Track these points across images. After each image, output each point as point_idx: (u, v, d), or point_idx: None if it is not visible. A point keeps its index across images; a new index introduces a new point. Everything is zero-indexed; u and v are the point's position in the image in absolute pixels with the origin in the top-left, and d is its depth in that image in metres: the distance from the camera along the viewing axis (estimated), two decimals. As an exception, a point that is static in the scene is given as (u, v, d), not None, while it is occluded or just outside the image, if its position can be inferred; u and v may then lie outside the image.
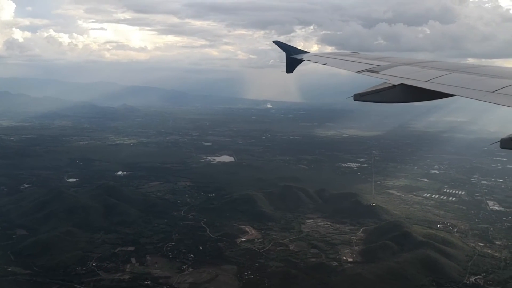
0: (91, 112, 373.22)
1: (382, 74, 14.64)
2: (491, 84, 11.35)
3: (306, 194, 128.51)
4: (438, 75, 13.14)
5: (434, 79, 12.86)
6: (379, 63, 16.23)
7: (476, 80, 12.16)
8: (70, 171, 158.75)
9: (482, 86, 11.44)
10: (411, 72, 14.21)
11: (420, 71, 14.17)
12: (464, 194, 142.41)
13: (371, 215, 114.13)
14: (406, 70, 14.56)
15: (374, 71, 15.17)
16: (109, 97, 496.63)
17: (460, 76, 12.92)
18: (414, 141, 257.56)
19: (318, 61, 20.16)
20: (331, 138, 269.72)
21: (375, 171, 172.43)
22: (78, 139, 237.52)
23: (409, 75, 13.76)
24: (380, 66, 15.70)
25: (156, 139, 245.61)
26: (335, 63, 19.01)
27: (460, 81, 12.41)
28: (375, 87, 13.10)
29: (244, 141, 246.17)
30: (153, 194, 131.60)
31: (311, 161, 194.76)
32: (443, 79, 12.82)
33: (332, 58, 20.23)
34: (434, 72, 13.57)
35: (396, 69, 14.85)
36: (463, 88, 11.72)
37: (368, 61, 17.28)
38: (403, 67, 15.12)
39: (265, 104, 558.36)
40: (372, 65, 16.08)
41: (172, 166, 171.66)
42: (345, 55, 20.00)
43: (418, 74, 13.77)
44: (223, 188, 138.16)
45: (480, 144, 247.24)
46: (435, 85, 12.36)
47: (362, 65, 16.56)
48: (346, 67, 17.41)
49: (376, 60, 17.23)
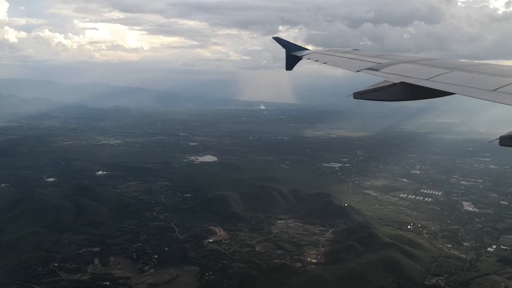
0: (81, 113, 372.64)
1: (382, 72, 14.65)
2: (491, 83, 11.34)
3: (280, 194, 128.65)
4: (439, 73, 13.14)
5: (435, 77, 12.83)
6: (379, 61, 16.24)
7: (477, 79, 12.17)
8: (50, 171, 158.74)
9: (482, 85, 11.43)
10: (412, 70, 14.21)
11: (420, 69, 14.20)
12: (441, 195, 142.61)
13: (342, 216, 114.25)
14: (406, 68, 14.61)
15: (374, 69, 15.22)
16: (100, 98, 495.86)
17: (460, 75, 12.93)
18: (401, 142, 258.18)
19: (318, 59, 20.14)
20: (319, 139, 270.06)
21: (356, 171, 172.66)
22: (64, 139, 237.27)
23: (409, 73, 13.77)
24: (380, 64, 15.73)
25: (142, 139, 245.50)
26: (335, 61, 19.01)
27: (461, 80, 12.42)
28: (375, 85, 13.15)
29: (230, 142, 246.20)
30: (129, 194, 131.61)
31: (294, 161, 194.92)
32: (444, 77, 12.81)
33: (332, 55, 20.18)
34: (435, 70, 13.58)
35: (396, 67, 14.94)
36: (463, 87, 11.73)
37: (368, 59, 17.28)
38: (403, 65, 15.16)
39: (258, 105, 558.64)
40: (372, 63, 16.11)
41: (153, 166, 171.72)
42: (345, 52, 20.00)
43: (418, 72, 13.76)
44: (200, 188, 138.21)
45: (467, 145, 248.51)
46: (436, 84, 12.38)
47: (362, 63, 16.57)
48: (346, 66, 17.34)
49: (377, 58, 17.23)
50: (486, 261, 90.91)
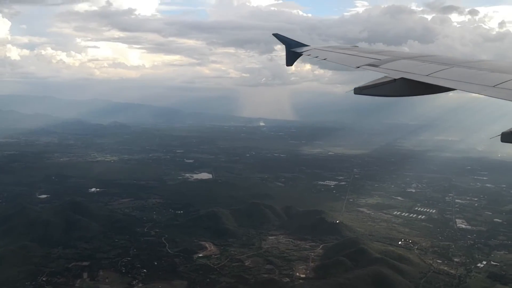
0: (80, 129, 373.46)
1: (383, 68, 14.61)
2: (491, 79, 11.28)
3: (272, 211, 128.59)
4: (438, 69, 13.09)
5: (434, 73, 12.78)
6: (379, 57, 16.21)
7: (476, 75, 12.10)
8: (43, 187, 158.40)
9: (482, 81, 11.38)
10: (412, 66, 14.21)
11: (420, 65, 14.17)
12: (435, 213, 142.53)
13: (333, 232, 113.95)
14: (406, 64, 14.58)
15: (374, 65, 15.23)
16: (100, 114, 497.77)
17: (460, 71, 12.87)
18: (398, 160, 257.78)
19: (318, 55, 20.00)
20: (316, 156, 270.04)
21: (351, 189, 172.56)
22: (60, 155, 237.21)
23: (409, 69, 13.76)
24: (380, 60, 15.71)
25: (138, 156, 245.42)
26: (335, 57, 18.88)
27: (460, 75, 12.40)
28: (375, 81, 13.09)
29: (227, 159, 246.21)
30: (121, 210, 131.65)
31: (289, 178, 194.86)
32: (443, 73, 12.76)
33: (332, 51, 20.02)
34: (435, 66, 13.51)
35: (396, 63, 14.88)
36: (463, 82, 11.73)
37: (368, 55, 17.22)
38: (403, 61, 15.13)
39: (258, 122, 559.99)
40: (372, 59, 16.09)
41: (147, 183, 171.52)
42: (345, 49, 19.89)
43: (418, 68, 13.74)
44: (192, 205, 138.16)
45: (465, 163, 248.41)
46: (435, 79, 12.31)
47: (362, 59, 16.55)
48: (346, 62, 17.35)
49: (377, 54, 17.17)
50: (476, 277, 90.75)
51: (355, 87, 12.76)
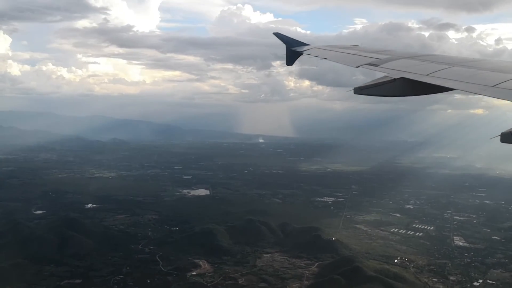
0: (79, 145, 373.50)
1: (382, 67, 14.54)
2: (491, 78, 11.23)
3: (268, 228, 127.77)
4: (438, 69, 13.03)
5: (434, 73, 12.74)
6: (379, 57, 16.15)
7: (476, 74, 12.05)
8: (39, 203, 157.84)
9: (482, 80, 11.34)
10: (411, 66, 14.12)
11: (420, 65, 14.12)
12: (432, 230, 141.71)
13: (329, 249, 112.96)
14: (406, 64, 14.52)
15: (374, 64, 15.17)
16: (99, 131, 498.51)
17: (460, 70, 12.76)
18: (396, 176, 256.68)
19: (318, 54, 19.88)
20: (314, 173, 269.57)
21: (349, 206, 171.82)
22: (58, 172, 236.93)
23: (409, 69, 13.68)
24: (380, 59, 15.64)
25: (137, 172, 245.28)
26: (335, 56, 18.82)
27: (460, 75, 12.33)
28: (375, 80, 13.06)
29: (225, 175, 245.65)
30: (116, 227, 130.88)
31: (287, 195, 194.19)
32: (443, 73, 12.70)
33: (332, 51, 19.95)
34: (435, 66, 13.46)
35: (396, 63, 14.80)
36: (463, 82, 11.66)
37: (368, 54, 17.15)
38: (403, 61, 15.06)
39: (257, 138, 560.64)
40: (372, 59, 16.02)
41: (144, 200, 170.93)
42: (345, 48, 19.73)
43: (418, 68, 13.69)
44: (188, 221, 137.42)
45: (463, 180, 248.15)
46: (435, 79, 12.27)
47: (363, 59, 16.52)
48: (346, 61, 17.25)
49: (376, 53, 17.08)
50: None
51: (355, 87, 12.73)
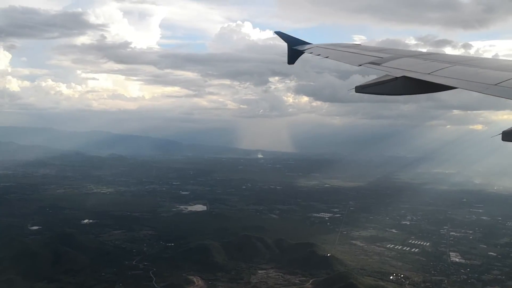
0: (78, 160, 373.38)
1: (384, 66, 14.46)
2: (493, 77, 11.16)
3: (264, 244, 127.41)
4: (440, 68, 12.95)
5: (436, 72, 12.66)
6: (381, 55, 16.09)
7: (478, 73, 12.00)
8: (36, 219, 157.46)
9: (484, 79, 11.26)
10: (413, 65, 14.01)
11: (422, 64, 14.00)
12: (429, 246, 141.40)
13: (325, 266, 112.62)
14: (408, 62, 14.46)
15: (376, 63, 15.10)
16: (98, 146, 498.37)
17: (462, 69, 12.71)
18: (394, 192, 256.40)
19: (320, 53, 19.83)
20: (312, 188, 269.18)
21: (346, 222, 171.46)
22: (56, 187, 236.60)
23: (411, 67, 13.60)
24: (382, 58, 15.57)
25: (135, 188, 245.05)
26: (337, 55, 18.83)
27: (462, 74, 12.27)
28: (376, 79, 12.99)
29: (222, 191, 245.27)
30: (111, 242, 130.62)
31: (284, 211, 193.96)
32: (445, 71, 12.63)
33: (334, 50, 19.94)
34: (436, 65, 13.39)
35: (398, 61, 14.76)
36: (465, 81, 11.61)
37: (370, 53, 17.11)
38: (405, 59, 15.01)
39: (256, 153, 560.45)
40: (374, 57, 15.98)
41: (141, 215, 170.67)
42: (347, 47, 19.77)
43: (420, 67, 13.58)
44: (184, 237, 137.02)
45: (461, 196, 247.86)
46: (437, 78, 12.20)
47: (364, 57, 16.51)
48: (348, 60, 17.23)
49: (378, 52, 17.06)
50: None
51: (356, 86, 12.68)
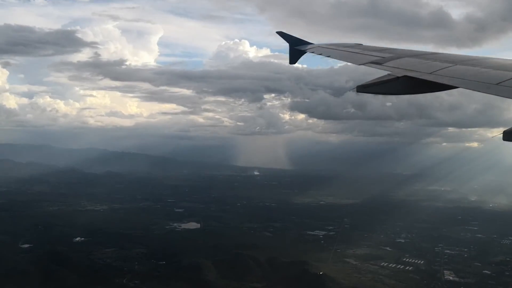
0: (73, 177, 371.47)
1: (386, 66, 14.56)
2: (495, 76, 11.21)
3: (256, 262, 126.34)
4: (442, 67, 13.00)
5: (438, 71, 12.72)
6: (383, 55, 16.20)
7: (480, 72, 12.03)
8: (27, 236, 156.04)
9: (486, 78, 11.32)
10: (415, 64, 14.07)
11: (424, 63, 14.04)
12: (423, 264, 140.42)
13: (317, 284, 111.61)
14: (410, 62, 14.50)
15: (378, 63, 15.21)
16: (95, 163, 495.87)
17: (464, 68, 12.72)
18: (390, 209, 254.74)
19: (322, 53, 20.06)
20: (307, 205, 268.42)
21: (340, 239, 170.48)
22: (50, 204, 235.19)
23: (412, 67, 13.71)
24: (383, 58, 15.67)
25: (129, 205, 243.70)
26: (338, 54, 18.97)
27: (464, 73, 12.28)
28: (378, 78, 13.06)
29: (217, 208, 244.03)
30: (102, 260, 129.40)
31: (278, 228, 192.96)
32: (447, 71, 12.66)
33: (335, 49, 20.03)
34: (438, 64, 13.43)
35: (399, 61, 14.83)
36: (466, 80, 11.64)
37: (372, 52, 17.23)
38: (406, 59, 15.05)
39: (253, 171, 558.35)
40: (375, 57, 16.10)
41: (134, 233, 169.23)
42: (348, 47, 19.83)
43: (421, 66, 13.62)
44: (176, 255, 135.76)
45: (456, 213, 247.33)
46: (439, 77, 12.27)
47: (366, 57, 16.62)
48: (350, 60, 17.44)
49: (380, 51, 17.14)
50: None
51: (358, 85, 12.76)
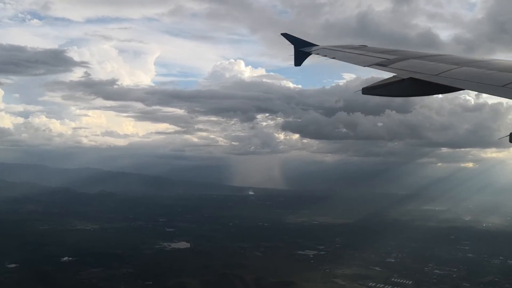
0: (66, 197, 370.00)
1: (391, 67, 14.63)
2: (500, 78, 11.23)
3: (242, 283, 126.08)
4: (447, 69, 13.00)
5: (443, 73, 12.73)
6: (388, 57, 16.19)
7: (486, 74, 12.02)
8: (15, 256, 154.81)
9: (491, 81, 11.34)
10: (420, 66, 14.16)
11: (429, 65, 14.12)
12: (411, 284, 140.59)
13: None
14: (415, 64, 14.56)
15: (383, 64, 15.25)
16: (89, 183, 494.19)
17: (469, 70, 12.71)
18: (382, 229, 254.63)
19: (327, 54, 20.06)
20: (300, 225, 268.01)
21: (330, 259, 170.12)
22: (41, 224, 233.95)
23: (418, 69, 13.74)
24: (388, 59, 15.69)
25: (120, 224, 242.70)
26: (343, 56, 18.89)
27: (469, 75, 12.31)
28: (383, 80, 13.09)
29: (209, 227, 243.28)
30: (88, 281, 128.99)
31: (268, 248, 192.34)
32: (452, 73, 12.67)
33: (340, 51, 20.05)
34: (444, 66, 13.43)
35: (405, 63, 14.78)
36: (472, 82, 11.72)
37: (377, 54, 17.22)
38: (412, 61, 15.06)
39: (247, 190, 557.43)
40: (380, 59, 16.12)
41: (123, 253, 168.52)
42: (353, 48, 19.91)
43: (427, 68, 13.72)
44: (163, 275, 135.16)
45: (449, 233, 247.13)
46: (444, 79, 12.29)
47: (371, 59, 16.65)
48: (354, 61, 17.42)
49: (385, 53, 17.11)
50: None
51: (363, 87, 12.87)
